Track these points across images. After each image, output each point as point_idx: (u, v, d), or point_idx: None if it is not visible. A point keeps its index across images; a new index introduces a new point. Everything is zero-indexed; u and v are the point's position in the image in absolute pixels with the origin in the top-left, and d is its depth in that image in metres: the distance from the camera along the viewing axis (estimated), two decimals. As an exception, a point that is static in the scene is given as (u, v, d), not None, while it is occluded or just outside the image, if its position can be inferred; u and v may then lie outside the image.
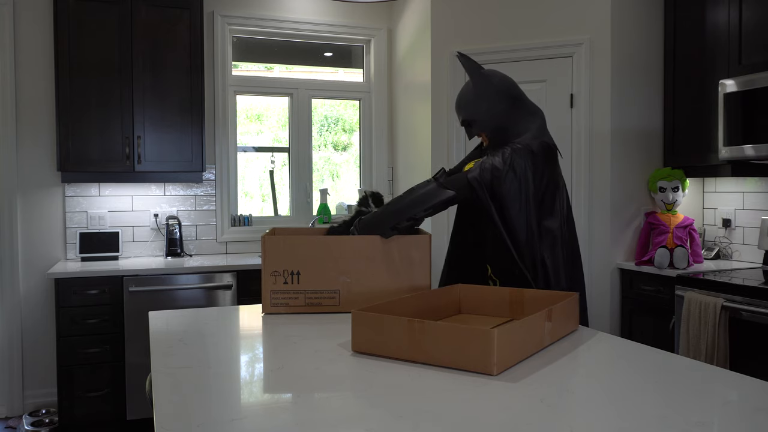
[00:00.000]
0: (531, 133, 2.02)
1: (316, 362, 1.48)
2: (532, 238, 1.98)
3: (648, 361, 1.48)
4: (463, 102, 2.11)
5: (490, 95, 2.05)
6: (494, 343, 1.34)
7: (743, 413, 1.14)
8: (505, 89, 2.07)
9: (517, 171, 1.95)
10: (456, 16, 3.80)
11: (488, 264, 2.16)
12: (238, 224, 4.25)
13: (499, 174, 1.94)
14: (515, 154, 1.96)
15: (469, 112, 2.08)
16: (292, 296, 2.07)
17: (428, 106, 3.88)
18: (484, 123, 2.07)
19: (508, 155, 1.96)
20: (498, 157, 1.96)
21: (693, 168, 3.47)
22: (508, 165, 1.94)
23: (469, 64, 2.10)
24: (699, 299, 2.87)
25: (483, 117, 2.07)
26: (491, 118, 2.06)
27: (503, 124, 2.06)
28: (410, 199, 2.03)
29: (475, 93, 2.07)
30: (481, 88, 2.06)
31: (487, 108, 2.05)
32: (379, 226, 2.05)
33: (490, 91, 2.06)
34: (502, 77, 2.10)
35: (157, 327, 1.88)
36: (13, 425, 3.58)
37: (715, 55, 3.29)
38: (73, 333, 3.34)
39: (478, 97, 2.06)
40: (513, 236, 1.97)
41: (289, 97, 4.45)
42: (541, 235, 2.00)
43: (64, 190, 3.85)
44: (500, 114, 2.06)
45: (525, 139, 2.01)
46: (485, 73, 2.10)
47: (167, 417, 1.13)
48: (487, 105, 2.05)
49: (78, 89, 3.56)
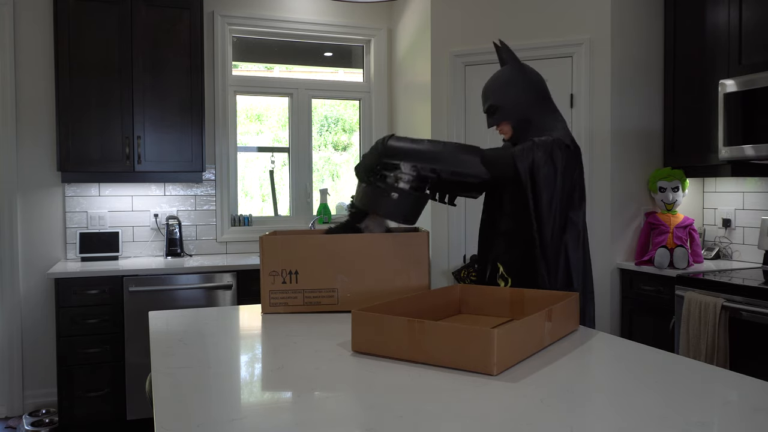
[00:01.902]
0: (558, 132, 2.00)
1: (316, 362, 1.48)
2: (557, 230, 1.96)
3: (648, 361, 1.48)
4: (492, 87, 2.07)
5: (519, 84, 2.03)
6: (494, 343, 1.34)
7: (743, 413, 1.14)
8: (535, 83, 2.05)
9: (555, 161, 1.92)
10: (456, 16, 3.80)
11: (499, 262, 2.13)
12: (238, 224, 4.25)
13: (539, 159, 1.90)
14: (555, 145, 1.92)
15: (496, 97, 2.05)
16: (290, 296, 2.07)
17: (428, 106, 3.88)
18: (509, 111, 2.04)
19: (550, 144, 1.92)
20: (539, 144, 1.92)
21: (693, 168, 3.47)
22: (548, 153, 1.91)
23: (507, 52, 2.08)
24: (699, 299, 2.87)
25: (509, 104, 2.03)
26: (517, 106, 2.03)
27: (528, 116, 2.03)
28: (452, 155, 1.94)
29: (506, 80, 2.04)
30: (513, 75, 2.04)
31: (515, 96, 2.03)
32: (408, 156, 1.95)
33: (521, 80, 2.04)
34: (535, 72, 2.09)
35: (157, 327, 1.88)
36: (13, 425, 3.58)
37: (715, 55, 3.29)
38: (73, 333, 3.34)
39: (507, 84, 2.04)
40: (540, 227, 1.94)
41: (289, 97, 4.45)
42: (565, 227, 1.98)
43: (64, 190, 3.85)
44: (527, 105, 2.03)
45: (557, 134, 1.98)
46: (521, 63, 2.08)
47: (167, 417, 1.13)
48: (515, 93, 2.03)
49: (78, 89, 3.56)
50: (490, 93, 2.07)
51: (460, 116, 3.79)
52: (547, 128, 2.01)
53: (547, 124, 2.03)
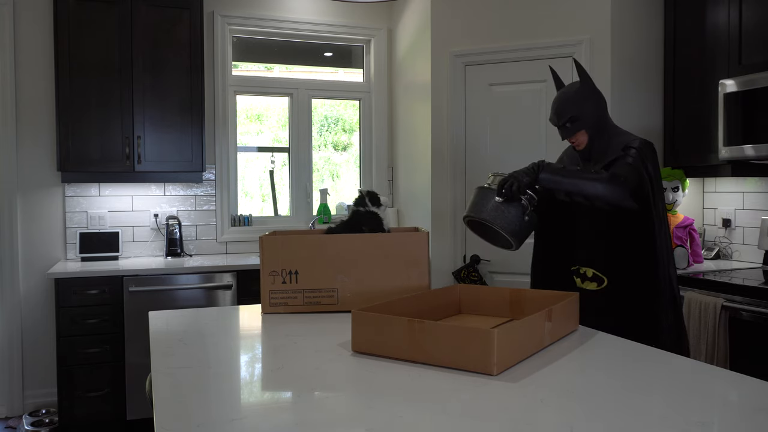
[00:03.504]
0: (630, 135, 2.17)
1: (316, 362, 1.48)
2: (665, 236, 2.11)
3: (648, 361, 1.48)
4: (569, 101, 2.20)
5: (592, 96, 2.19)
6: (494, 343, 1.34)
7: (743, 413, 1.14)
8: (601, 94, 2.23)
9: (654, 167, 2.10)
10: (456, 16, 3.80)
11: (589, 263, 2.18)
12: (238, 224, 4.25)
13: (651, 167, 2.08)
14: (647, 147, 2.10)
15: (575, 110, 2.18)
16: (290, 296, 2.07)
17: (428, 106, 3.88)
18: (587, 121, 2.17)
19: (646, 146, 2.10)
20: (635, 152, 2.08)
21: (693, 168, 3.47)
22: (651, 162, 2.09)
23: (581, 69, 2.24)
24: (699, 299, 2.87)
25: (587, 115, 2.17)
26: (593, 116, 2.17)
27: (602, 124, 2.20)
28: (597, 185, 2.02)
29: (581, 93, 2.19)
30: (588, 89, 2.20)
31: (592, 107, 2.18)
32: (570, 185, 2.01)
33: (592, 92, 2.20)
34: (598, 89, 2.27)
35: (157, 327, 1.88)
36: (13, 425, 3.58)
37: (715, 55, 3.29)
38: (73, 333, 3.34)
39: (583, 98, 2.18)
40: (661, 225, 2.09)
41: (289, 97, 4.45)
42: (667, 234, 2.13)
43: (64, 190, 3.85)
44: (600, 114, 2.20)
45: (632, 137, 2.16)
46: (591, 79, 2.25)
47: (167, 417, 1.13)
48: (591, 104, 2.18)
49: (78, 89, 3.56)
50: (569, 105, 2.19)
51: (460, 116, 3.79)
52: (616, 132, 2.20)
53: (613, 129, 2.22)
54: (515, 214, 1.97)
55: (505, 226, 1.97)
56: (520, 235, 2.00)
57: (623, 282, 2.12)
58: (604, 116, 2.20)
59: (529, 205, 1.99)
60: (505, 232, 1.98)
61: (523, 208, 1.98)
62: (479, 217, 1.99)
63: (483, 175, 3.75)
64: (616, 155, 2.12)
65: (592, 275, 2.18)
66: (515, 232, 1.98)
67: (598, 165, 2.18)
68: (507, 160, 3.68)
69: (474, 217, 2.02)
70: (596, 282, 2.17)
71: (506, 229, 1.97)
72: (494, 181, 2.05)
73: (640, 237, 2.08)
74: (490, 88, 3.73)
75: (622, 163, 2.07)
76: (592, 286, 2.18)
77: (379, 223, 2.19)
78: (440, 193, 3.84)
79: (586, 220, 2.20)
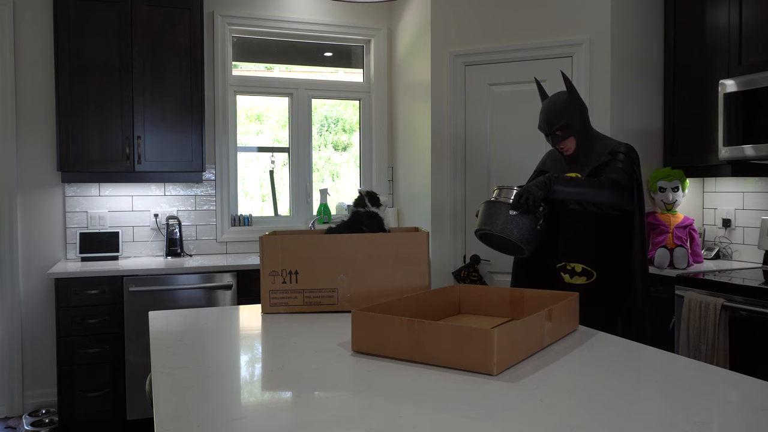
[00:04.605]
0: (611, 140, 2.34)
1: (316, 362, 1.48)
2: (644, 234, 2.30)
3: (648, 361, 1.48)
4: (560, 110, 2.33)
5: (578, 105, 2.35)
6: (494, 343, 1.34)
7: (743, 413, 1.14)
8: (584, 103, 2.39)
9: (638, 168, 2.26)
10: (456, 16, 3.80)
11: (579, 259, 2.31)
12: (238, 224, 4.25)
13: (637, 169, 2.25)
14: (630, 150, 2.27)
15: (567, 117, 2.32)
16: (290, 296, 2.07)
17: (428, 106, 3.88)
18: (577, 128, 2.32)
19: (630, 151, 2.27)
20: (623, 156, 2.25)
21: (693, 168, 3.47)
22: (636, 165, 2.25)
23: (567, 80, 2.38)
24: (699, 299, 2.87)
25: (577, 122, 2.32)
26: (580, 123, 2.33)
27: (587, 131, 2.35)
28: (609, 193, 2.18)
29: (570, 103, 2.33)
30: (575, 99, 2.34)
31: (579, 114, 2.34)
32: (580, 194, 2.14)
33: (578, 101, 2.36)
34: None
35: (157, 327, 1.88)
36: (13, 425, 3.58)
37: (715, 55, 3.29)
38: (73, 333, 3.34)
39: (573, 107, 2.33)
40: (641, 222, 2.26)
41: (289, 97, 4.45)
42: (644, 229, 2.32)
43: (64, 190, 3.85)
44: (586, 121, 2.36)
45: (614, 141, 2.33)
46: (575, 88, 2.40)
47: (167, 417, 1.13)
48: (578, 112, 2.34)
49: (78, 89, 3.56)
50: (561, 114, 2.33)
51: (460, 116, 3.79)
52: (599, 137, 2.37)
53: (597, 136, 2.37)
54: (528, 224, 2.09)
55: (521, 237, 2.08)
56: (533, 242, 2.12)
57: (610, 273, 2.27)
58: (589, 123, 2.36)
59: (541, 216, 2.10)
60: (521, 243, 2.10)
61: (536, 219, 2.09)
62: (495, 230, 2.10)
63: (483, 175, 3.75)
64: (602, 159, 2.28)
65: (581, 270, 2.31)
66: (529, 241, 2.10)
67: (585, 168, 2.32)
68: (507, 159, 3.68)
69: (489, 230, 2.12)
70: (585, 276, 2.30)
71: (522, 240, 2.09)
72: (500, 194, 2.15)
73: (623, 231, 2.26)
74: (490, 88, 3.73)
75: (614, 168, 2.23)
76: (581, 280, 2.31)
77: (379, 223, 2.19)
78: (440, 193, 3.84)
79: (572, 221, 2.34)
